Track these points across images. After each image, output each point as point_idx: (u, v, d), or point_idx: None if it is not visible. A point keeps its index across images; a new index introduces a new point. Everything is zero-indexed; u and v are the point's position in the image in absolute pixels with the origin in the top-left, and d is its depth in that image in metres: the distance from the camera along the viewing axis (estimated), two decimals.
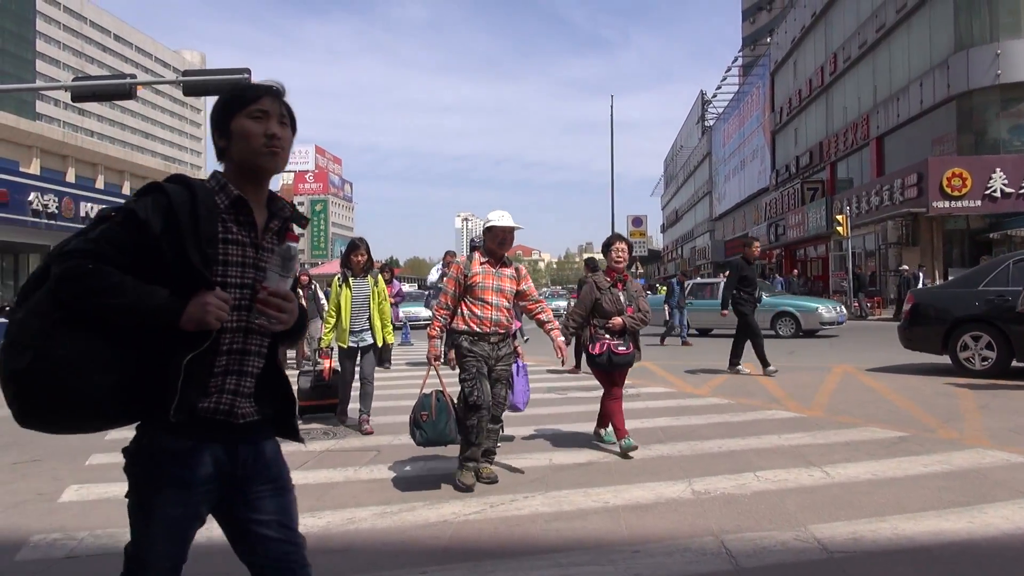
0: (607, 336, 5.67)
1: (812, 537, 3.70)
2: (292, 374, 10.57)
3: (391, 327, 7.22)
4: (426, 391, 4.87)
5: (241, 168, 1.94)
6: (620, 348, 5.63)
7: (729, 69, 56.88)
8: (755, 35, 57.67)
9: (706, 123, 67.91)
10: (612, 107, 45.43)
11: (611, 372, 5.73)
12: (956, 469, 4.94)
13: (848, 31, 34.68)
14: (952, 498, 4.29)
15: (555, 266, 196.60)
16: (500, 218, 4.96)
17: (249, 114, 1.91)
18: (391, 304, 12.17)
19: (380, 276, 7.13)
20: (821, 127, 38.79)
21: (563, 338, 5.19)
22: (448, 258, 13.16)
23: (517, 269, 5.11)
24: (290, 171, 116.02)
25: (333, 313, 6.89)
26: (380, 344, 7.03)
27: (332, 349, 7.10)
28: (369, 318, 6.91)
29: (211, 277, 1.80)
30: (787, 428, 6.48)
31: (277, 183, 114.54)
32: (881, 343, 13.21)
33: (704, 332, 19.19)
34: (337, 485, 5.02)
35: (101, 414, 1.78)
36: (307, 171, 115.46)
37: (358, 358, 7.03)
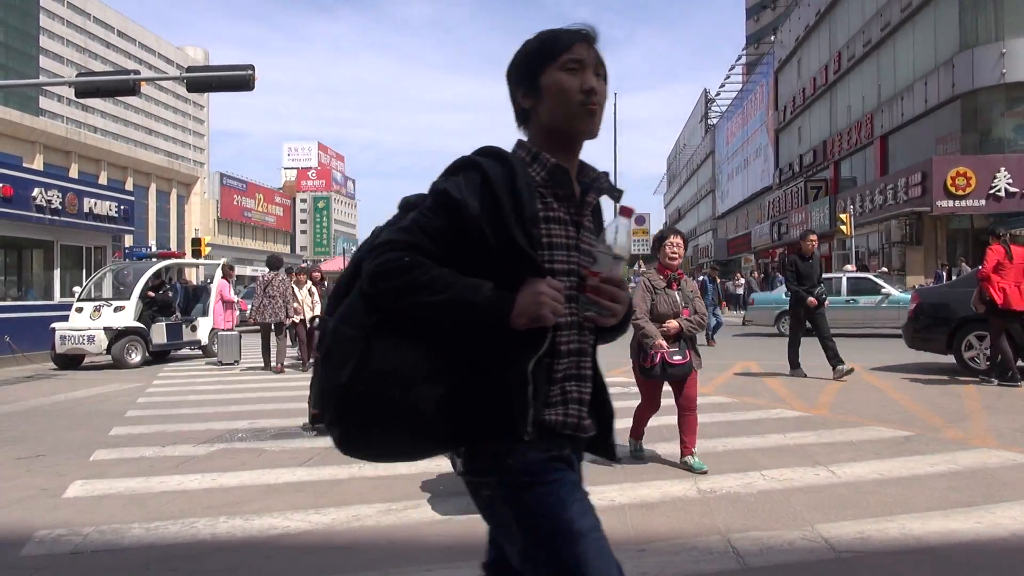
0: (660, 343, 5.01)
1: (819, 536, 3.69)
2: (292, 377, 10.53)
3: None
4: None
5: (552, 133, 1.65)
6: (676, 357, 5.00)
7: (733, 67, 56.85)
8: (759, 33, 57.58)
9: (709, 121, 67.82)
10: (616, 105, 45.36)
11: (660, 386, 5.23)
12: (963, 469, 4.92)
13: (853, 29, 34.60)
14: (959, 498, 4.27)
15: None
16: None
17: (562, 66, 1.62)
18: None
19: None
20: (825, 126, 38.72)
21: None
22: None
23: None
24: (292, 168, 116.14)
25: None
26: None
27: None
28: None
29: (541, 263, 1.54)
30: (792, 427, 6.46)
31: (280, 180, 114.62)
32: (886, 342, 13.19)
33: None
34: (342, 482, 5.01)
35: (431, 434, 1.52)
36: (310, 168, 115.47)
37: None
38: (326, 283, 13.15)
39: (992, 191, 24.07)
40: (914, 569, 3.33)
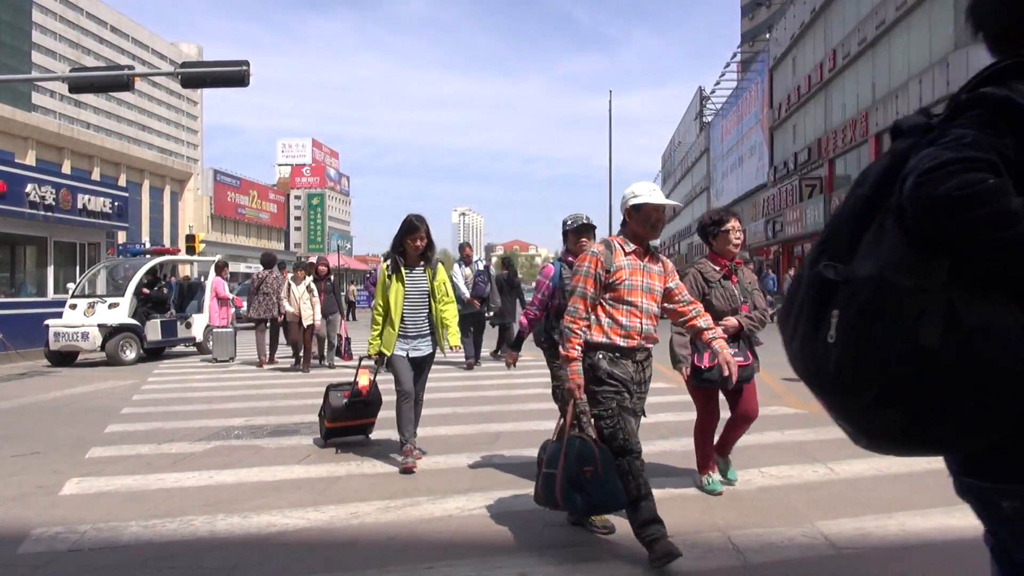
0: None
1: (819, 533, 3.69)
2: (288, 375, 10.48)
3: (458, 333, 5.61)
4: (557, 435, 3.73)
5: None
6: (737, 358, 4.18)
7: (728, 65, 56.86)
8: (754, 31, 57.63)
9: (704, 119, 67.86)
10: (611, 102, 45.32)
11: (717, 393, 4.58)
12: None
13: (848, 28, 34.65)
14: (947, 495, 4.27)
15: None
16: (651, 193, 3.73)
17: None
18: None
19: (441, 266, 5.55)
20: (820, 124, 38.77)
21: (730, 350, 3.96)
22: (467, 251, 12.01)
23: (664, 263, 3.91)
24: (286, 164, 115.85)
25: (381, 312, 5.40)
26: (443, 350, 5.55)
27: (379, 360, 5.45)
28: (429, 320, 5.44)
29: None
30: (789, 424, 6.47)
31: (275, 177, 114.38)
32: None
33: None
34: (340, 479, 5.00)
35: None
36: (304, 165, 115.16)
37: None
38: (333, 278, 12.77)
39: None
40: (915, 565, 3.33)
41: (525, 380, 9.16)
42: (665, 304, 3.84)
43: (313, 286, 11.44)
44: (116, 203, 17.77)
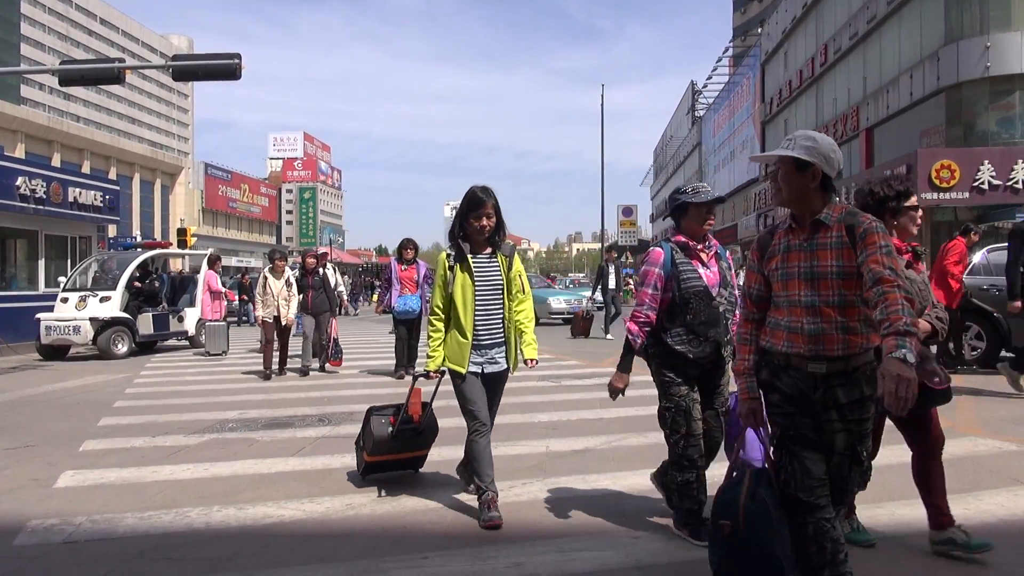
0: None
1: None
2: (297, 377, 10.45)
3: (536, 343, 4.26)
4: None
5: None
6: (935, 378, 3.28)
7: (720, 59, 56.91)
8: (746, 25, 57.69)
9: (696, 113, 67.92)
10: (603, 96, 45.31)
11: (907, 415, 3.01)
12: (950, 457, 4.95)
13: (839, 22, 34.73)
14: (947, 485, 4.32)
15: (544, 256, 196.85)
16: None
17: None
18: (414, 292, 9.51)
19: (516, 255, 4.25)
20: (811, 118, 38.88)
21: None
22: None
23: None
24: (278, 158, 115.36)
25: (441, 316, 4.11)
26: (515, 369, 4.22)
27: (440, 375, 4.17)
28: (503, 324, 4.12)
29: None
30: None
31: (266, 170, 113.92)
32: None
33: None
34: (334, 471, 5.02)
35: None
36: (296, 158, 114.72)
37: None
38: (327, 270, 11.73)
39: (976, 184, 24.27)
40: (905, 553, 3.37)
41: (520, 373, 9.18)
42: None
43: (292, 280, 10.12)
44: (107, 196, 17.70)
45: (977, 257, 9.55)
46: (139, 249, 15.61)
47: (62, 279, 14.38)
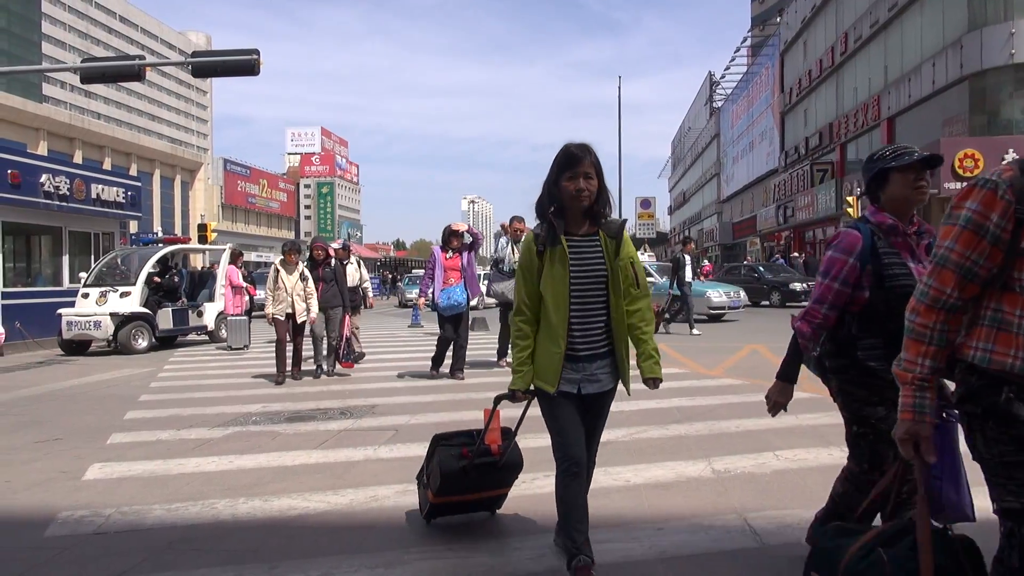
0: None
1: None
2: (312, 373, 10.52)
3: (657, 353, 3.11)
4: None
5: None
6: None
7: (738, 49, 56.43)
8: (764, 15, 57.07)
9: (714, 104, 67.43)
10: (620, 88, 45.11)
11: None
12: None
13: (860, 10, 34.29)
14: (972, 478, 4.28)
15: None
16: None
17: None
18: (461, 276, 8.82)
19: (625, 235, 3.11)
20: (831, 108, 38.47)
21: None
22: (517, 225, 9.39)
23: None
24: (296, 153, 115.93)
25: (529, 318, 3.08)
26: (628, 389, 3.18)
27: (529, 396, 3.15)
28: (608, 328, 3.06)
29: None
30: (804, 408, 6.46)
31: (284, 166, 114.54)
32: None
33: None
34: (357, 464, 5.05)
35: None
36: (313, 153, 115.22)
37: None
38: (351, 263, 10.87)
39: None
40: None
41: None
42: None
43: (308, 273, 9.22)
44: (129, 193, 17.89)
45: None
46: (159, 245, 15.75)
47: (83, 275, 14.56)
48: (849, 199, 26.66)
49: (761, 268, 27.39)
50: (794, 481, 4.33)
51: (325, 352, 9.53)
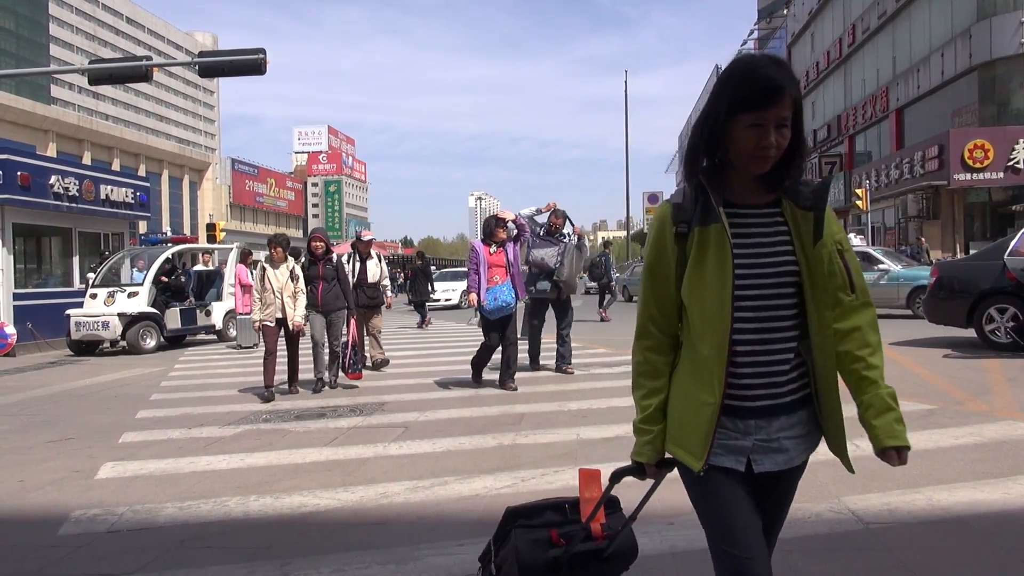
0: None
1: (846, 508, 3.70)
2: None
3: (894, 401, 1.81)
4: None
5: None
6: None
7: (744, 42, 56.12)
8: (771, 7, 56.72)
9: None
10: (626, 83, 44.98)
11: None
12: (988, 441, 4.91)
13: (867, 1, 34.08)
14: (986, 469, 4.27)
15: None
16: None
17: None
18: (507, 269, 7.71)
19: (829, 208, 1.78)
20: (839, 100, 38.28)
21: None
22: (554, 220, 8.71)
23: None
24: (303, 152, 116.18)
25: (659, 334, 1.86)
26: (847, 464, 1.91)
27: (662, 469, 2.00)
28: (799, 359, 1.79)
29: None
30: None
31: (291, 164, 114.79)
32: (904, 317, 13.14)
33: None
34: (368, 461, 5.07)
35: None
36: (320, 152, 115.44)
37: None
38: (372, 260, 9.44)
39: (1011, 163, 23.75)
40: (943, 539, 3.34)
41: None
42: None
43: (299, 271, 7.98)
44: (137, 193, 17.95)
45: (1016, 238, 9.36)
46: (167, 244, 15.80)
47: (91, 275, 14.63)
48: (858, 191, 26.49)
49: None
50: (805, 475, 4.30)
51: (327, 360, 8.26)
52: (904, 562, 3.07)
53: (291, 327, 7.83)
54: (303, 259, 8.38)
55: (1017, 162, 23.63)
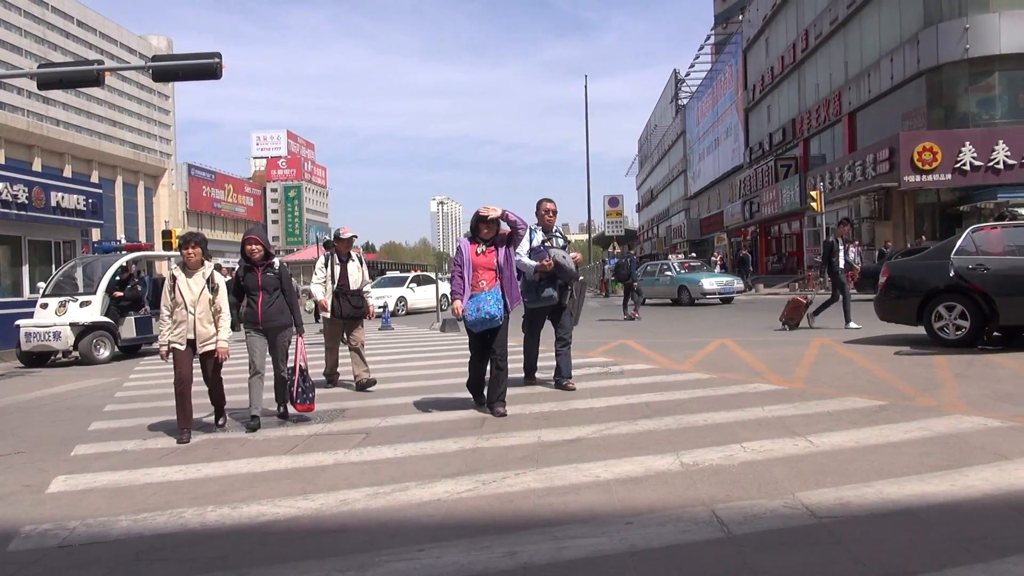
0: None
1: (800, 503, 3.78)
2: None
3: None
4: None
5: None
6: None
7: (702, 48, 56.98)
8: (727, 13, 57.68)
9: (680, 102, 68.02)
10: (586, 87, 45.40)
11: None
12: (936, 435, 5.05)
13: (819, 7, 34.85)
14: (934, 462, 4.40)
15: None
16: None
17: None
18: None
19: None
20: (794, 104, 39.04)
21: None
22: (548, 206, 7.67)
23: None
24: (262, 157, 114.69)
25: None
26: None
27: None
28: None
29: None
30: (770, 400, 6.57)
31: (250, 170, 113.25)
32: (856, 316, 13.40)
33: None
34: (328, 468, 5.03)
35: None
36: (280, 157, 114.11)
37: None
38: (353, 261, 8.55)
39: (958, 165, 24.48)
40: (893, 531, 3.43)
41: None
42: None
43: (219, 281, 6.37)
44: (90, 200, 17.58)
45: (962, 238, 9.65)
46: (121, 252, 15.48)
47: (41, 284, 14.26)
48: (813, 193, 27.05)
49: None
50: (760, 472, 4.40)
51: (275, 387, 6.84)
52: (855, 554, 3.15)
53: (217, 355, 6.29)
54: (238, 266, 6.87)
55: (964, 164, 24.35)
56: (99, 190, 19.26)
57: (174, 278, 6.28)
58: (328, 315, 8.53)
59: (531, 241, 7.41)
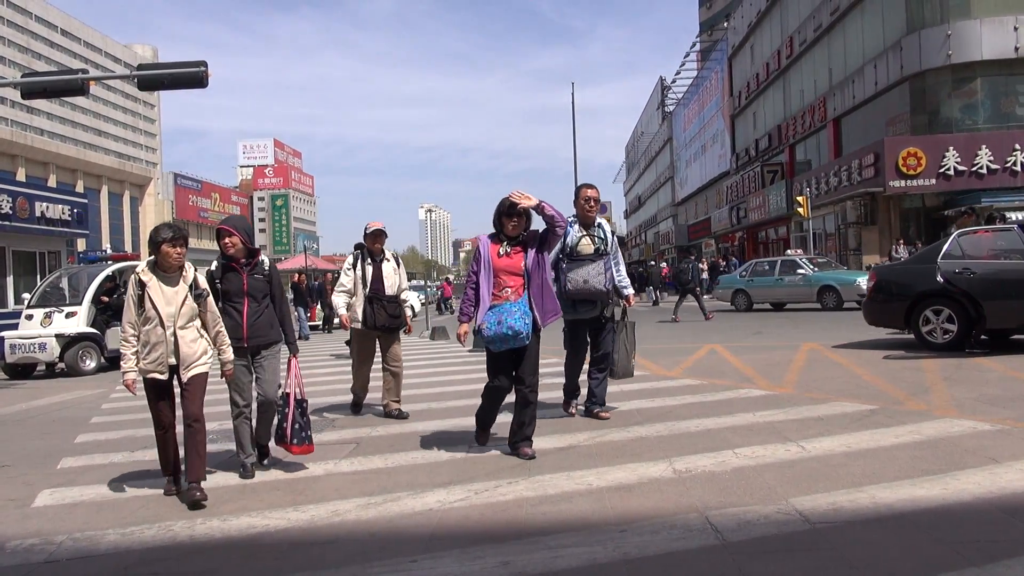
0: None
1: (793, 509, 3.78)
2: None
3: None
4: None
5: None
6: None
7: (687, 55, 57.33)
8: (712, 20, 58.10)
9: (666, 109, 68.36)
10: (573, 95, 45.57)
11: None
12: (927, 439, 5.07)
13: (803, 14, 35.14)
14: (925, 467, 4.41)
15: None
16: None
17: None
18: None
19: None
20: (779, 110, 39.31)
21: None
22: (588, 193, 6.26)
23: None
24: (249, 166, 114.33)
25: None
26: None
27: None
28: None
29: None
30: (760, 406, 6.58)
31: (236, 179, 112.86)
32: (845, 321, 13.52)
33: None
34: (319, 479, 4.99)
35: None
36: (267, 166, 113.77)
37: None
38: (387, 259, 7.02)
39: (942, 170, 24.70)
40: (886, 535, 3.43)
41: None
42: None
43: (203, 281, 4.82)
44: (75, 210, 17.44)
45: (948, 242, 9.72)
46: (107, 262, 15.35)
47: (26, 296, 14.12)
48: (799, 199, 27.21)
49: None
50: (752, 478, 4.39)
51: (257, 418, 5.36)
52: (849, 559, 3.14)
53: (224, 372, 4.94)
54: (213, 266, 5.27)
55: (948, 169, 24.58)
56: (84, 200, 19.13)
57: (142, 284, 4.60)
58: (359, 326, 6.94)
59: (565, 238, 6.02)
